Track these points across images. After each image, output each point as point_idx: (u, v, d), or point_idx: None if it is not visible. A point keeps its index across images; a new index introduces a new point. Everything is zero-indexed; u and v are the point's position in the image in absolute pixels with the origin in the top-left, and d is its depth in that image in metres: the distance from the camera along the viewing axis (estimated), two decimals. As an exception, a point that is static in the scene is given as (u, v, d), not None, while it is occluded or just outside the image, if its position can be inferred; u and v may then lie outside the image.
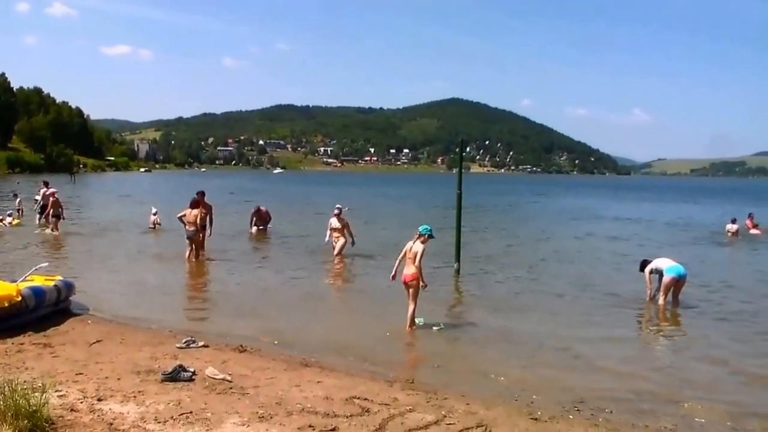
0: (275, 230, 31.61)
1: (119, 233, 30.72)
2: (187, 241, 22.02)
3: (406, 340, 13.07)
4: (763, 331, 14.18)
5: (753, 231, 35.92)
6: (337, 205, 24.10)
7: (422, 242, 13.33)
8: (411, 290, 13.45)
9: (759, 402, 9.79)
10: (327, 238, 23.61)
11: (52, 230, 28.73)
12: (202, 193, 23.27)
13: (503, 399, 9.23)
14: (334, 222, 23.44)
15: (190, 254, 21.96)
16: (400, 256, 13.68)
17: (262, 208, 32.70)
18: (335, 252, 23.11)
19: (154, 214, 32.32)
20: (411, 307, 13.51)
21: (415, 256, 13.25)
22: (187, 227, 21.82)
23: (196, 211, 21.74)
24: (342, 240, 23.25)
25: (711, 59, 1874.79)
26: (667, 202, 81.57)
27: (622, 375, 10.95)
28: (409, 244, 13.47)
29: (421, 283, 13.36)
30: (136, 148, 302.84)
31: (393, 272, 13.98)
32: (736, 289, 19.15)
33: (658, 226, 43.67)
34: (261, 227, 31.57)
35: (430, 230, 13.52)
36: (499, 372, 10.77)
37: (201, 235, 21.90)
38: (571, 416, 8.63)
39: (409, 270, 13.36)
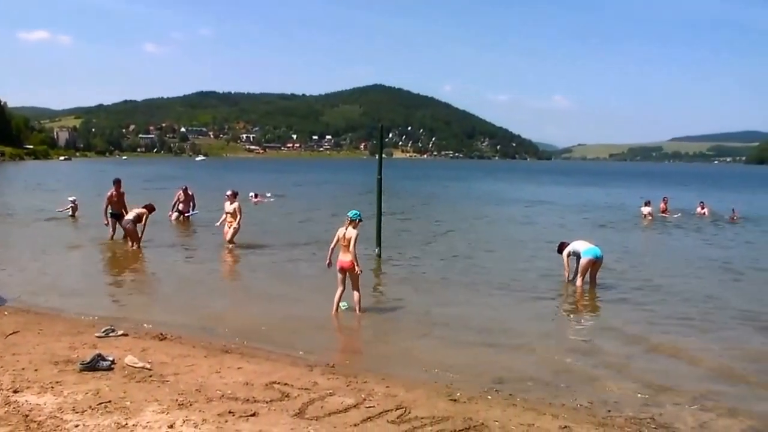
0: (198, 217, 31.16)
1: (37, 222, 30.12)
2: (112, 230, 22.62)
3: (327, 325, 13.12)
4: (673, 311, 14.56)
5: (662, 214, 36.79)
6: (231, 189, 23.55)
7: (354, 227, 13.39)
8: (350, 276, 13.53)
9: (668, 377, 10.06)
10: (219, 223, 23.26)
11: None
12: (118, 182, 23.22)
13: (423, 381, 9.33)
14: (227, 206, 22.84)
15: (113, 238, 22.60)
16: (333, 243, 13.66)
17: (189, 190, 31.92)
18: (227, 238, 22.60)
19: (73, 202, 31.71)
20: (356, 295, 13.63)
21: (350, 243, 13.31)
22: (125, 216, 22.13)
23: (140, 209, 22.09)
24: (234, 224, 22.63)
25: (629, 47, 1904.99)
26: (586, 186, 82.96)
27: (540, 355, 11.16)
28: (341, 230, 13.45)
29: (357, 269, 13.46)
30: (55, 136, 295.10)
31: (327, 260, 13.90)
32: (650, 271, 19.62)
33: (577, 209, 44.38)
34: (185, 212, 30.91)
35: (360, 215, 13.60)
36: (420, 355, 10.91)
37: (135, 226, 21.81)
38: (489, 396, 8.76)
39: (347, 257, 13.40)
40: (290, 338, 11.71)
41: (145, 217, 21.84)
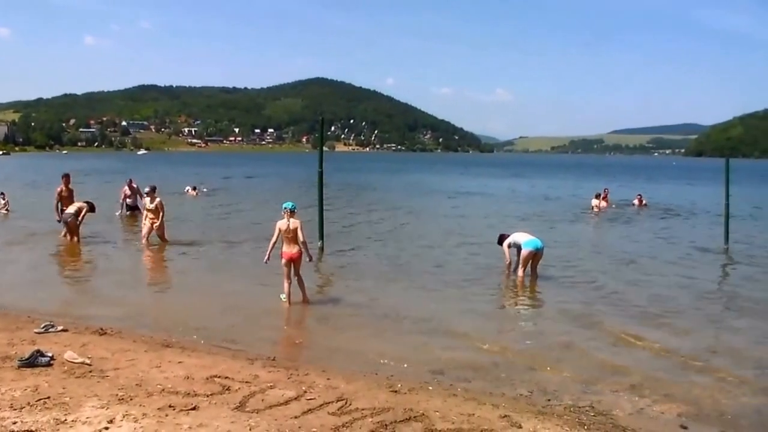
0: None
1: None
2: (63, 225, 21.91)
3: (268, 317, 13.11)
4: (612, 302, 14.90)
5: (601, 203, 37.29)
6: (150, 185, 23.00)
7: (294, 217, 13.40)
8: (294, 267, 13.55)
9: (607, 366, 10.29)
10: (144, 221, 22.27)
11: None
12: (67, 176, 22.94)
13: (364, 373, 9.41)
14: (147, 203, 22.07)
15: (66, 235, 21.88)
16: (275, 237, 13.55)
17: (134, 183, 31.04)
18: (143, 233, 21.83)
19: (2, 196, 31.12)
20: (300, 286, 13.73)
21: (297, 233, 13.36)
22: (66, 209, 21.93)
23: (80, 203, 21.81)
24: (157, 222, 21.68)
25: (570, 39, 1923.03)
26: (532, 178, 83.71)
27: (481, 346, 11.30)
28: (282, 222, 13.39)
29: (306, 258, 13.59)
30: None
31: (267, 255, 13.73)
32: (590, 263, 19.94)
33: (519, 201, 44.92)
34: (134, 206, 30.03)
35: (295, 205, 13.63)
36: (361, 346, 11.00)
37: (76, 219, 21.52)
38: (430, 387, 8.85)
39: (293, 248, 13.42)
40: (231, 331, 11.71)
41: (84, 211, 21.54)
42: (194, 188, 43.55)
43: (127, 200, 30.43)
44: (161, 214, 21.83)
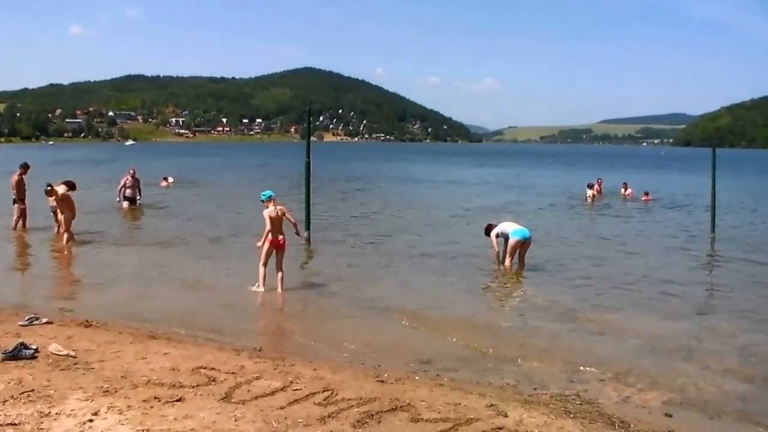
0: (146, 202, 30.68)
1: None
2: (53, 215, 21.54)
3: (253, 308, 13.20)
4: (599, 291, 15.00)
5: (594, 193, 37.38)
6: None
7: (279, 204, 13.80)
8: (278, 254, 13.87)
9: (593, 354, 10.32)
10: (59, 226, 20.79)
11: None
12: (25, 166, 22.64)
13: (350, 363, 9.42)
14: (50, 201, 20.88)
15: (17, 225, 22.10)
16: (269, 225, 13.67)
17: (136, 174, 30.38)
18: (62, 229, 20.14)
19: None
20: (280, 274, 13.94)
21: (285, 217, 13.81)
22: (50, 202, 21.41)
23: (62, 189, 20.85)
24: (67, 214, 19.95)
25: (559, 28, 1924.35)
26: (525, 168, 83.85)
27: (467, 336, 11.30)
28: (270, 211, 13.63)
29: (301, 233, 14.60)
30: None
31: (263, 240, 13.86)
32: (579, 251, 19.99)
33: (509, 191, 44.90)
34: (134, 198, 29.63)
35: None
36: (348, 337, 10.96)
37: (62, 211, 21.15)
38: (417, 377, 8.86)
39: (280, 236, 13.75)
40: (217, 322, 11.73)
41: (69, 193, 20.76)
42: (165, 179, 43.12)
43: (126, 191, 29.58)
44: (72, 208, 20.20)
